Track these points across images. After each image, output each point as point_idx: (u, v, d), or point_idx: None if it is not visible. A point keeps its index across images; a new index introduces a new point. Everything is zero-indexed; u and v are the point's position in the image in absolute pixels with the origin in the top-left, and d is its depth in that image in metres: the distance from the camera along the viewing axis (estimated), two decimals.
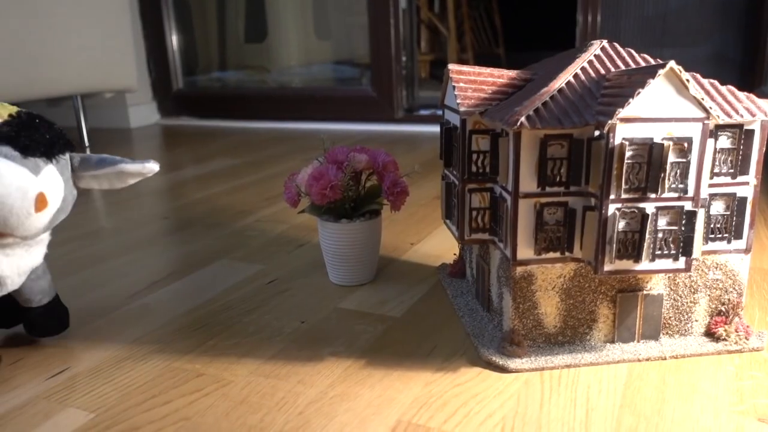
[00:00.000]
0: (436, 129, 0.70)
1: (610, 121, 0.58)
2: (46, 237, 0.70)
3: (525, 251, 0.65)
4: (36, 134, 0.63)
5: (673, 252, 0.62)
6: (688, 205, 0.61)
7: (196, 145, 2.16)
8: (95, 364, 0.70)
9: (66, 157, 0.67)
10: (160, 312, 0.83)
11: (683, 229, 0.61)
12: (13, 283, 0.68)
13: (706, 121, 0.59)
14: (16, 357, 0.72)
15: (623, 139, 0.58)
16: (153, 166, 0.68)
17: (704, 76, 0.66)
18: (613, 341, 0.69)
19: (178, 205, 1.39)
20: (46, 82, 1.80)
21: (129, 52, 2.10)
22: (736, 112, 0.62)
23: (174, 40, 2.72)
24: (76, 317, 0.81)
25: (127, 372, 0.68)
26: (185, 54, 2.78)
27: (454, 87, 0.69)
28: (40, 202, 0.61)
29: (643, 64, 0.67)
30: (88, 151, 2.05)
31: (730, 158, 0.65)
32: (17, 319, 0.76)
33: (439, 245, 1.05)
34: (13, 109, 0.68)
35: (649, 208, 0.60)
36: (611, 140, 0.58)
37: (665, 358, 0.66)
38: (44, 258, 0.72)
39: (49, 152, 0.63)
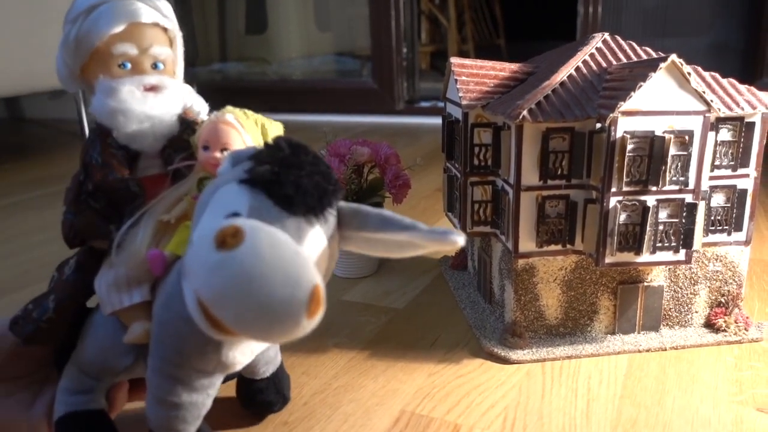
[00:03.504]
0: (437, 121, 0.70)
1: (611, 114, 0.58)
2: None
3: (527, 244, 0.65)
4: (303, 176, 0.40)
5: (673, 244, 0.62)
6: (688, 198, 0.61)
7: None
8: None
9: (334, 210, 0.43)
10: None
11: (684, 221, 0.62)
12: (245, 363, 0.49)
13: (707, 114, 0.60)
14: None
15: (625, 132, 0.59)
16: (457, 239, 0.41)
17: (706, 67, 0.66)
18: (613, 332, 0.69)
19: None
20: (48, 74, 1.80)
21: None
22: (737, 104, 0.63)
23: None
24: None
25: None
26: (185, 45, 2.77)
27: (456, 80, 0.69)
28: (315, 303, 0.35)
29: (644, 57, 0.67)
30: None
31: (730, 151, 0.65)
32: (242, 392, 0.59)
33: None
34: (268, 124, 0.51)
35: (650, 200, 0.61)
36: (613, 133, 0.59)
37: (665, 349, 0.67)
38: None
39: (319, 206, 0.40)
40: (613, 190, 0.60)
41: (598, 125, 0.60)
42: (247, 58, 2.81)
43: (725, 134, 0.64)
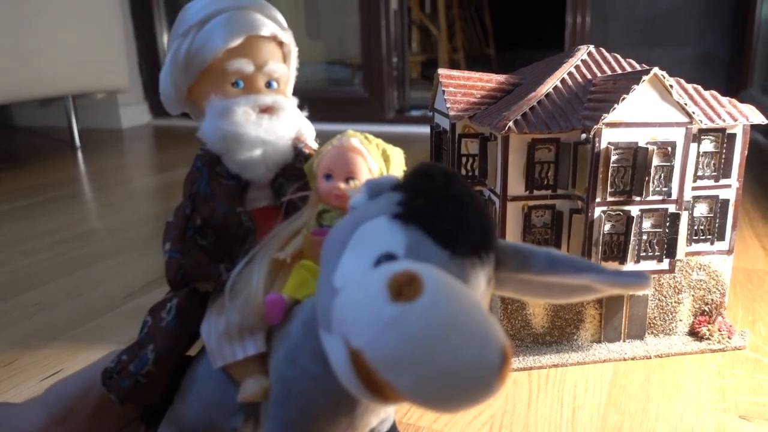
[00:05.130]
0: (427, 130, 0.71)
1: (595, 126, 0.59)
2: None
3: None
4: (463, 210, 0.33)
5: (657, 253, 0.63)
6: (672, 208, 0.62)
7: (188, 146, 2.16)
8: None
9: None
10: None
11: (667, 231, 0.63)
12: (374, 425, 0.44)
13: (689, 126, 0.61)
14: (10, 358, 0.72)
15: (609, 143, 0.60)
16: (648, 283, 0.34)
17: (693, 78, 0.67)
18: (599, 341, 0.70)
19: (171, 206, 1.39)
20: (38, 82, 1.80)
21: (121, 52, 2.10)
22: (719, 116, 0.64)
23: (166, 39, 2.72)
24: (70, 318, 0.82)
25: None
26: None
27: (443, 91, 0.70)
28: (507, 364, 0.29)
29: (628, 69, 0.68)
30: (80, 154, 2.05)
31: (713, 161, 0.66)
32: None
33: None
34: (389, 149, 0.46)
35: (634, 210, 0.62)
36: (597, 144, 0.60)
37: (650, 357, 0.68)
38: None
39: (485, 244, 0.34)
40: (598, 200, 0.61)
41: (583, 136, 0.61)
42: None
43: (707, 145, 0.65)
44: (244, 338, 0.41)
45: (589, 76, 0.67)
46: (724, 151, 0.65)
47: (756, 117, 0.64)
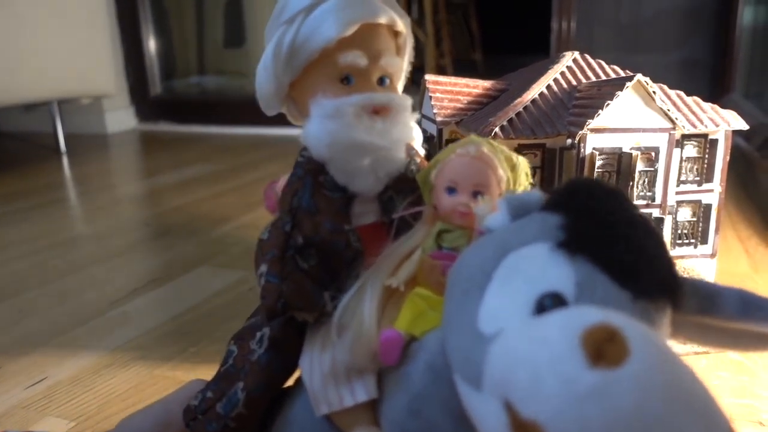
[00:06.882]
0: None
1: (581, 132, 0.60)
2: None
3: None
4: (641, 239, 0.27)
5: None
6: (655, 212, 0.63)
7: (174, 151, 2.15)
8: (75, 372, 0.70)
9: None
10: (140, 319, 0.83)
11: None
12: None
13: (672, 131, 0.62)
14: None
15: (593, 148, 0.61)
16: None
17: (676, 82, 0.68)
18: None
19: (157, 212, 1.39)
20: (23, 87, 1.79)
21: (106, 57, 2.09)
22: (701, 122, 0.65)
23: (152, 44, 2.71)
24: (55, 325, 0.81)
25: (107, 380, 0.68)
26: (163, 58, 2.76)
27: (430, 97, 0.71)
28: None
29: (612, 75, 0.69)
30: (65, 160, 2.03)
31: (696, 166, 0.67)
32: None
33: None
34: (515, 158, 0.39)
35: None
36: (582, 150, 0.60)
37: None
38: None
39: (672, 283, 0.28)
40: None
41: (568, 142, 0.62)
42: (225, 71, 2.81)
43: (690, 150, 0.66)
44: (352, 381, 0.35)
45: (574, 83, 0.68)
46: (706, 156, 0.66)
47: (737, 122, 0.65)
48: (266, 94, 0.43)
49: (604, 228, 0.26)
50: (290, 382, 0.42)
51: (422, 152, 0.43)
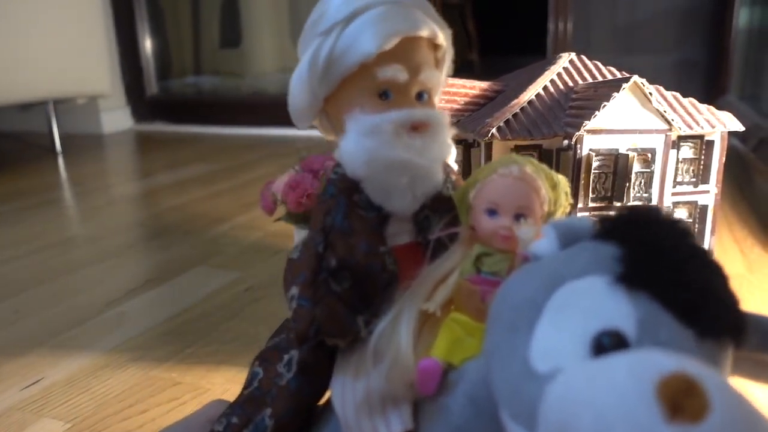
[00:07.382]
0: None
1: (577, 133, 0.60)
2: None
3: None
4: (707, 275, 0.26)
5: None
6: None
7: (170, 151, 2.15)
8: (71, 373, 0.70)
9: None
10: (136, 320, 0.83)
11: None
12: None
13: (668, 133, 0.62)
14: None
15: (590, 149, 0.61)
16: None
17: (672, 84, 0.68)
18: None
19: (153, 212, 1.39)
20: (19, 87, 1.78)
21: (102, 57, 2.08)
22: (697, 123, 0.65)
23: (147, 44, 2.70)
24: (51, 326, 0.81)
25: (103, 381, 0.68)
26: (159, 59, 2.76)
27: None
28: None
29: (609, 76, 0.69)
30: (61, 160, 2.03)
31: (692, 168, 0.67)
32: None
33: None
34: (555, 177, 0.37)
35: None
36: (579, 151, 0.60)
37: None
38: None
39: (739, 323, 0.26)
40: (580, 205, 0.62)
41: (565, 143, 0.62)
42: (221, 71, 2.81)
43: (686, 152, 0.66)
44: (387, 411, 0.33)
45: (570, 84, 0.68)
46: (702, 157, 0.67)
47: (733, 124, 0.65)
48: (299, 107, 0.41)
49: (666, 261, 0.25)
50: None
51: (455, 167, 0.42)
